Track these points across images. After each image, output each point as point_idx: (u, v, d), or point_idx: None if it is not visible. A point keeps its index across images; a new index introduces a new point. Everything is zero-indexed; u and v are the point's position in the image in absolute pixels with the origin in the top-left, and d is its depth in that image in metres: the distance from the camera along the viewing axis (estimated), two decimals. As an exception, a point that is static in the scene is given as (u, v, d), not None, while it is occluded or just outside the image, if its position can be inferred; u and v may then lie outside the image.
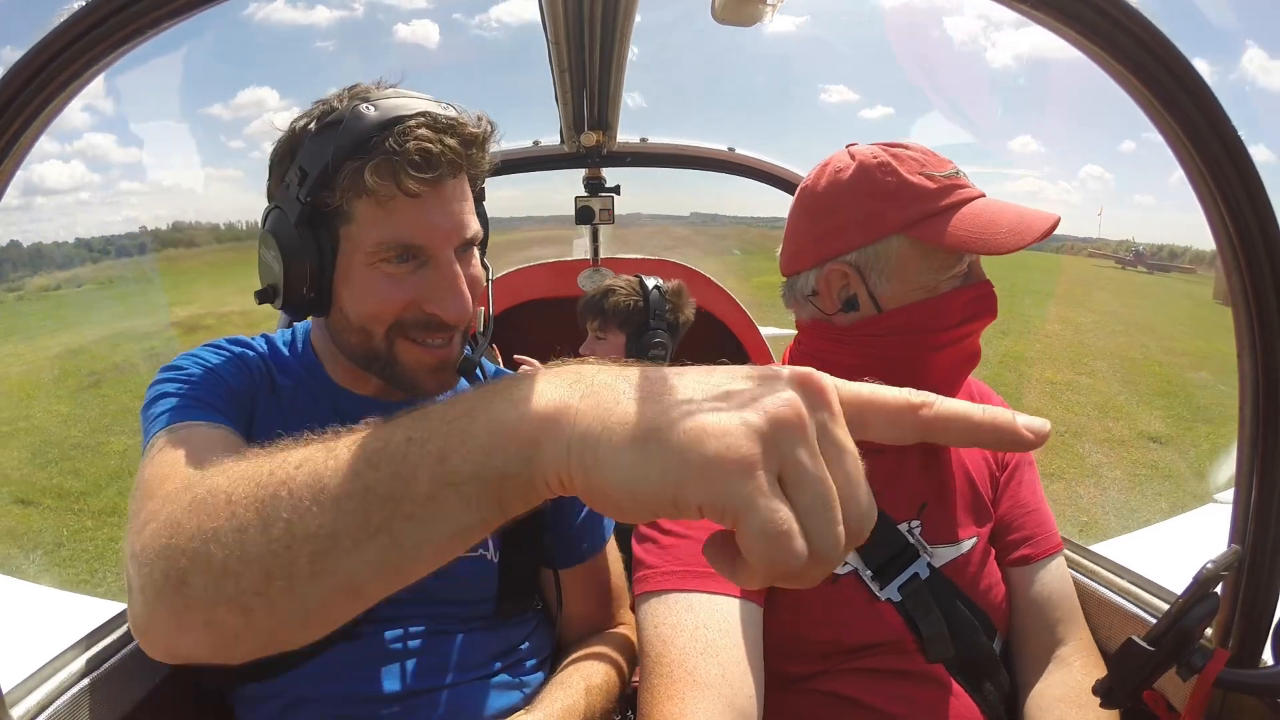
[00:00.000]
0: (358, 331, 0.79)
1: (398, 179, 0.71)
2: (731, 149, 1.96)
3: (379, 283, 0.76)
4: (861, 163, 0.85)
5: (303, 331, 0.92)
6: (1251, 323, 0.67)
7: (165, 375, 0.79)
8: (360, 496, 0.36)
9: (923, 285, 0.83)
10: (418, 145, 0.71)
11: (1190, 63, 0.60)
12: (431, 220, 0.75)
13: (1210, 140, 0.62)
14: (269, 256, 0.79)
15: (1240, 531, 0.72)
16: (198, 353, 0.83)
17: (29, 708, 0.75)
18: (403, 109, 0.73)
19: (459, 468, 0.34)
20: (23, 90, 0.53)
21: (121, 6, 0.53)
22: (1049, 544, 0.93)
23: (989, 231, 0.80)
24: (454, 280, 0.77)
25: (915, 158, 0.84)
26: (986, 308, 0.85)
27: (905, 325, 0.83)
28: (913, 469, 0.91)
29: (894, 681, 0.82)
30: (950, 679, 0.84)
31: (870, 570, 0.84)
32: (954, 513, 0.90)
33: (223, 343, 0.86)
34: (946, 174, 0.83)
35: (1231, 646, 0.73)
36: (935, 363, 0.85)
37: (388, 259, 0.75)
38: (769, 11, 0.98)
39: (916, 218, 0.82)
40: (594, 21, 1.23)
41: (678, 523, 0.81)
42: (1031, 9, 0.61)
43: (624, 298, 1.69)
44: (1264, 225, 0.64)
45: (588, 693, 0.86)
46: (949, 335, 0.83)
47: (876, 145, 0.87)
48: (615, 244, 2.38)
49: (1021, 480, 0.96)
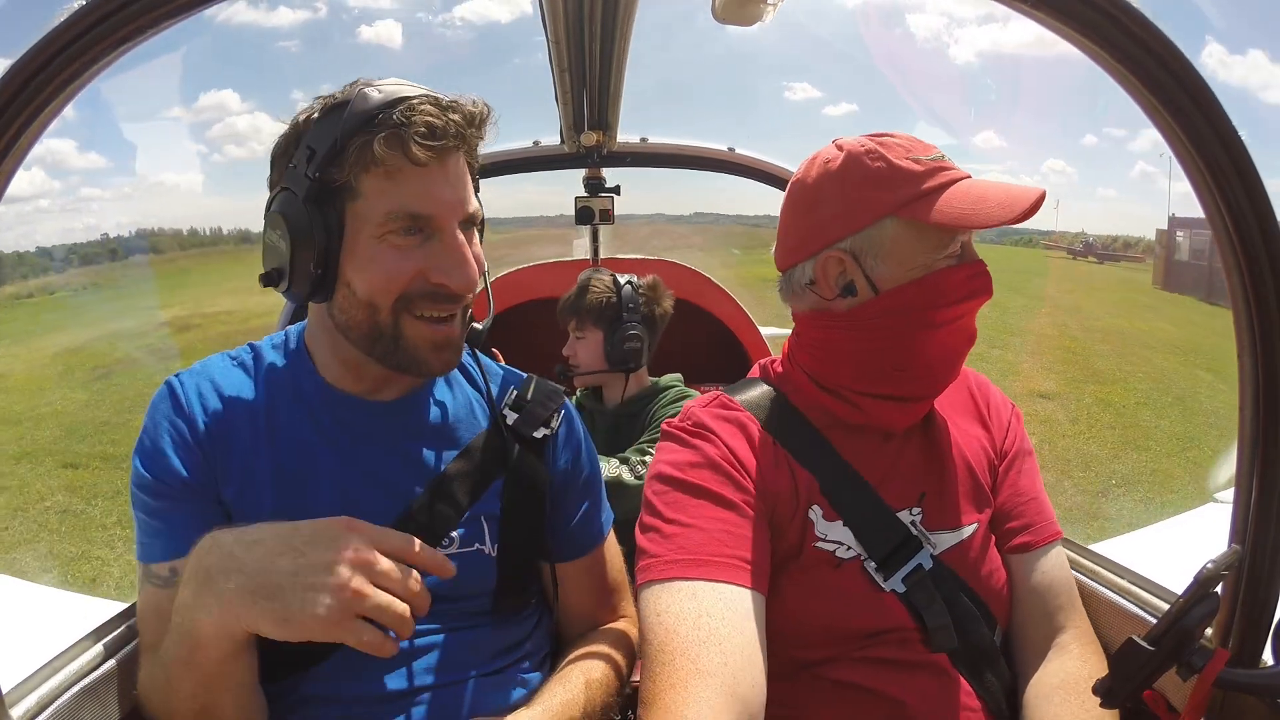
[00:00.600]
0: (365, 307, 0.79)
1: (406, 148, 0.74)
2: (731, 149, 1.97)
3: (387, 254, 0.77)
4: (850, 152, 0.87)
5: (295, 333, 0.92)
6: (1251, 323, 0.67)
7: (133, 481, 0.83)
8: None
9: (919, 264, 0.84)
10: (424, 118, 0.74)
11: (1190, 63, 0.60)
12: (438, 191, 0.77)
13: (1210, 140, 0.62)
14: (275, 237, 0.79)
15: (1240, 531, 0.72)
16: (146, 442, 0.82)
17: (29, 708, 0.75)
18: (406, 91, 0.76)
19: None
20: (23, 90, 0.53)
21: (121, 6, 0.53)
22: (1048, 532, 0.93)
23: (978, 206, 0.81)
24: (460, 250, 0.79)
25: (901, 144, 0.86)
26: (982, 285, 0.86)
27: (903, 305, 0.85)
28: (913, 457, 0.91)
29: (900, 672, 0.83)
30: (953, 670, 0.84)
31: (874, 562, 0.85)
32: (955, 500, 0.90)
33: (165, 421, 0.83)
34: (932, 157, 0.85)
35: (1231, 646, 0.73)
36: (934, 341, 0.86)
37: (395, 230, 0.77)
38: (769, 11, 0.99)
39: (907, 199, 0.83)
40: (594, 21, 1.23)
41: (681, 511, 0.82)
42: (1031, 9, 0.61)
43: (597, 295, 1.71)
44: (1264, 225, 0.64)
45: (587, 687, 0.87)
46: (947, 313, 0.84)
47: (864, 136, 0.89)
48: (616, 243, 2.38)
49: (1020, 469, 0.97)
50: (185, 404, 0.84)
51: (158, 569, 0.81)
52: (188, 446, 0.82)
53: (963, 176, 0.85)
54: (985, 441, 0.97)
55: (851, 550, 0.86)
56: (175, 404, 0.84)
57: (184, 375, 0.87)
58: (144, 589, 0.83)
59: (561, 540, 0.96)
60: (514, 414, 0.94)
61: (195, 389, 0.86)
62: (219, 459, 0.83)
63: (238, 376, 0.88)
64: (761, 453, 0.88)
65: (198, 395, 0.85)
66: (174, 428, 0.83)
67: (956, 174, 0.85)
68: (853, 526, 0.86)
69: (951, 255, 0.85)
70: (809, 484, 0.87)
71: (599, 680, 0.88)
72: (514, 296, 2.27)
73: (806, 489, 0.87)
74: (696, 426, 0.89)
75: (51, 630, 0.94)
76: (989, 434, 0.98)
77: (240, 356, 0.90)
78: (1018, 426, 1.00)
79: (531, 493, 0.92)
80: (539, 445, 0.94)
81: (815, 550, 0.85)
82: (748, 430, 0.89)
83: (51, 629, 0.98)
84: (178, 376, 0.87)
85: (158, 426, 0.83)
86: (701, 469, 0.85)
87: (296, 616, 0.65)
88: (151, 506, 0.82)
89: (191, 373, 0.88)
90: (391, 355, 0.82)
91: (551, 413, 0.96)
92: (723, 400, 0.94)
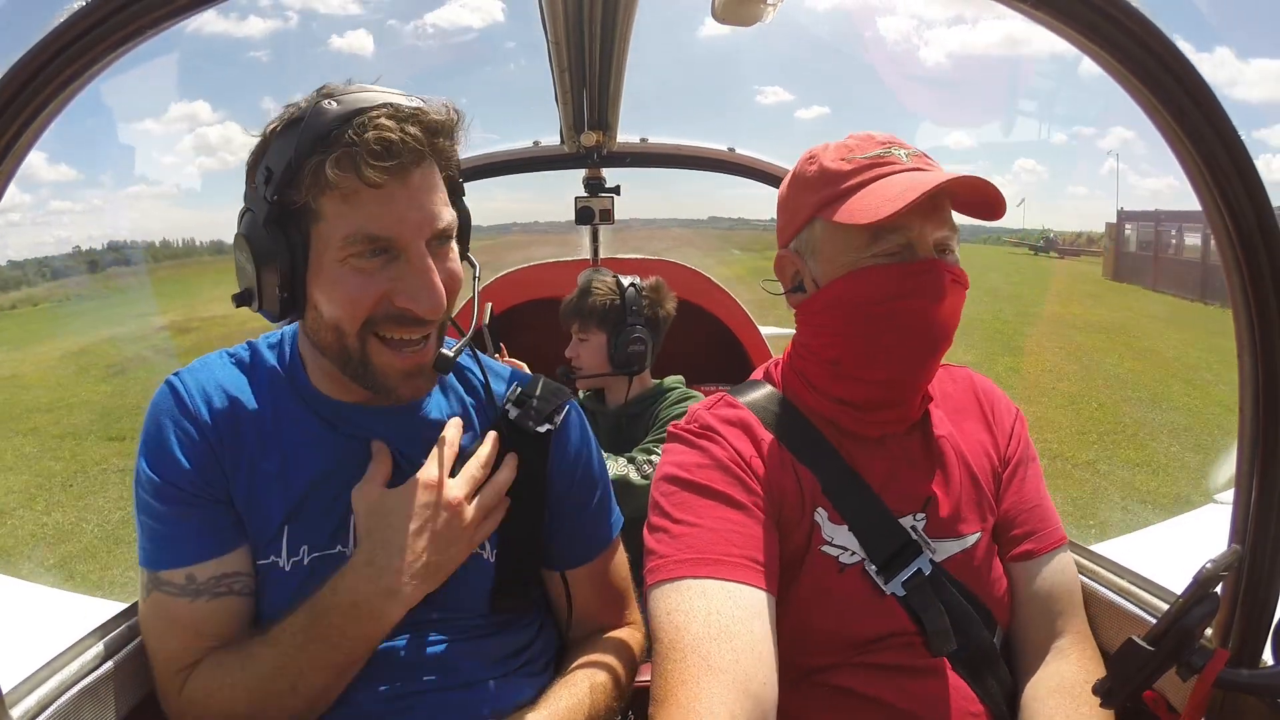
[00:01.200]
0: (331, 330, 0.78)
1: (358, 170, 0.70)
2: (731, 149, 1.96)
3: (349, 278, 0.75)
4: (802, 157, 0.92)
5: (290, 335, 0.91)
6: (1251, 323, 0.66)
7: (139, 486, 0.82)
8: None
9: (844, 263, 0.86)
10: (377, 135, 0.70)
11: (1191, 63, 0.60)
12: (398, 211, 0.74)
13: (1210, 140, 0.62)
14: (242, 259, 0.79)
15: (1240, 531, 0.72)
16: (151, 444, 0.81)
17: (29, 708, 0.75)
18: (365, 101, 0.72)
19: None
20: (23, 90, 0.53)
21: (121, 6, 0.53)
22: (1052, 539, 0.93)
23: (866, 202, 0.82)
24: (426, 273, 0.76)
25: (848, 145, 0.89)
26: (916, 286, 0.82)
27: (835, 299, 0.87)
28: (915, 461, 0.91)
29: (901, 677, 0.83)
30: (955, 674, 0.84)
31: (875, 565, 0.85)
32: (958, 507, 0.90)
33: (170, 422, 0.82)
34: (870, 155, 0.86)
35: (1231, 646, 0.73)
36: (877, 334, 0.85)
37: (357, 254, 0.74)
38: (769, 11, 0.99)
39: (826, 200, 0.86)
40: (594, 22, 1.23)
41: (690, 512, 0.82)
42: (1032, 9, 0.61)
43: (600, 297, 1.70)
44: (1264, 225, 0.64)
45: (592, 691, 0.87)
46: (878, 309, 0.84)
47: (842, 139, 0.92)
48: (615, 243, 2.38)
49: (1025, 477, 0.96)
50: (190, 403, 0.83)
51: (170, 576, 0.80)
52: (196, 447, 0.81)
53: (897, 171, 0.84)
54: (989, 446, 0.96)
55: (855, 555, 0.86)
56: (179, 403, 0.83)
57: (184, 374, 0.86)
58: (151, 596, 0.80)
59: (567, 543, 0.95)
60: (516, 409, 0.92)
61: (199, 388, 0.84)
62: (227, 458, 0.82)
63: (238, 376, 0.87)
64: (767, 454, 0.88)
65: (202, 394, 0.84)
66: (180, 428, 0.82)
67: (885, 171, 0.84)
68: (855, 529, 0.86)
69: (885, 253, 0.84)
70: (813, 486, 0.87)
71: (603, 684, 0.88)
72: (513, 297, 2.27)
73: (811, 490, 0.87)
74: (703, 429, 0.90)
75: (52, 630, 0.94)
76: (993, 439, 0.97)
77: (239, 354, 0.89)
78: (1021, 431, 0.99)
79: (532, 488, 0.91)
80: (541, 442, 0.92)
81: (821, 554, 0.85)
82: (753, 432, 0.90)
83: (51, 629, 0.98)
84: (178, 375, 0.86)
85: (163, 428, 0.82)
86: (709, 470, 0.85)
87: (455, 565, 0.83)
88: (161, 511, 0.80)
89: (192, 371, 0.86)
90: (362, 378, 0.81)
91: (555, 408, 0.94)
92: (728, 401, 0.94)
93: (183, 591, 0.79)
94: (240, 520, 0.82)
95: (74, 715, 0.79)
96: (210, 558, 0.80)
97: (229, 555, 0.81)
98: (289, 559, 0.82)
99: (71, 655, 0.82)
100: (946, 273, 0.84)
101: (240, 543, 0.82)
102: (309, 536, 0.83)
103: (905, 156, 0.86)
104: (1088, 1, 0.59)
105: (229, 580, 0.80)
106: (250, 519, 0.82)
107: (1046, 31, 0.63)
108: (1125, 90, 0.64)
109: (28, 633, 1.36)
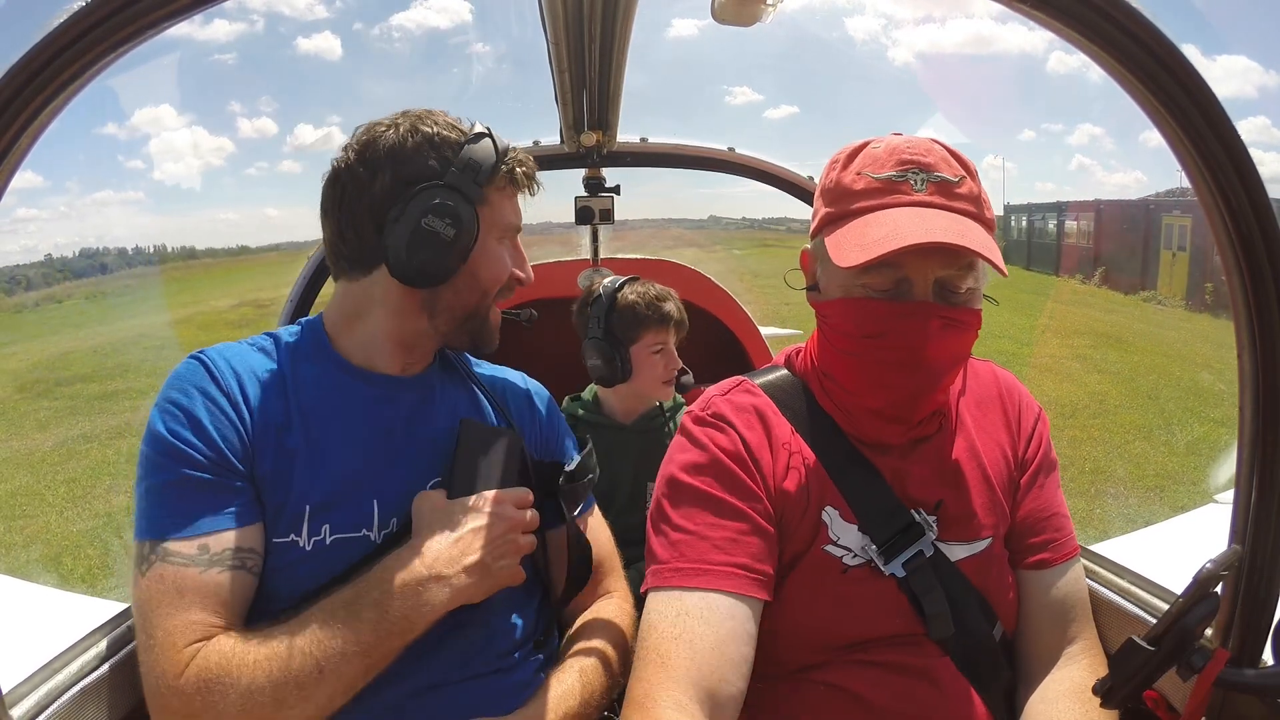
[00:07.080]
0: (480, 293, 0.96)
1: (520, 180, 0.98)
2: (731, 149, 1.96)
3: (504, 254, 0.98)
4: (833, 157, 0.90)
5: (310, 324, 0.96)
6: (1251, 323, 0.66)
7: (155, 449, 0.80)
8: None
9: (839, 284, 0.85)
10: (525, 165, 0.98)
11: (1190, 63, 0.60)
12: (520, 211, 1.01)
13: (1210, 140, 0.62)
14: (442, 225, 0.90)
15: (1240, 531, 0.72)
16: (176, 411, 0.82)
17: (29, 708, 0.75)
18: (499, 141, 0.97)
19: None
20: (23, 90, 0.53)
21: (121, 6, 0.53)
22: (1067, 548, 0.92)
23: (855, 236, 0.79)
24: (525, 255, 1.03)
25: (874, 155, 0.83)
26: (899, 328, 0.78)
27: (824, 316, 0.88)
28: (929, 459, 0.90)
29: (897, 676, 0.83)
30: (955, 675, 0.84)
31: (876, 545, 0.85)
32: (970, 511, 0.89)
33: (199, 393, 0.84)
34: (884, 176, 0.81)
35: (1231, 646, 0.73)
36: (863, 367, 0.84)
37: (507, 236, 0.98)
38: (769, 11, 0.99)
39: (832, 218, 0.85)
40: (594, 22, 1.23)
41: (687, 519, 0.83)
42: (1032, 9, 0.61)
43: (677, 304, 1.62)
44: (1264, 225, 0.64)
45: (581, 673, 0.90)
46: (864, 343, 0.82)
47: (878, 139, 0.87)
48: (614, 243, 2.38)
49: (1043, 484, 0.94)
50: (220, 378, 0.85)
51: (179, 546, 0.77)
52: (226, 418, 0.82)
53: (903, 204, 0.80)
54: (1007, 448, 0.94)
55: (858, 557, 0.85)
56: (211, 376, 0.84)
57: (210, 352, 0.89)
58: (153, 570, 0.76)
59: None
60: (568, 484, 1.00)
61: (227, 364, 0.86)
62: (256, 434, 0.83)
63: (265, 359, 0.90)
64: (778, 443, 0.88)
65: (231, 371, 0.86)
66: (209, 399, 0.83)
67: (891, 201, 0.80)
68: (858, 511, 0.86)
69: (876, 288, 0.81)
70: (823, 480, 0.87)
71: (592, 666, 0.92)
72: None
73: (820, 486, 0.87)
74: (714, 417, 0.90)
75: (51, 630, 0.94)
76: (1012, 439, 0.95)
77: (260, 342, 0.92)
78: (1043, 433, 0.96)
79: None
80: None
81: (824, 554, 0.85)
82: (766, 419, 0.90)
83: (51, 629, 0.98)
84: (204, 352, 0.89)
85: (191, 397, 0.82)
86: (710, 472, 0.85)
87: (501, 580, 0.87)
88: (179, 479, 0.79)
89: (219, 350, 0.89)
90: (478, 328, 0.98)
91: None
92: (745, 386, 0.94)
93: (193, 561, 0.77)
94: (258, 497, 0.82)
95: (74, 715, 0.79)
96: (227, 529, 0.79)
97: (246, 529, 0.80)
98: (310, 538, 0.83)
99: (71, 655, 0.82)
100: (937, 317, 0.79)
101: (256, 519, 0.82)
102: (332, 517, 0.84)
103: (921, 184, 0.80)
104: (1088, 2, 0.59)
105: (243, 555, 0.80)
106: (273, 496, 0.83)
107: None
108: (1126, 90, 0.64)
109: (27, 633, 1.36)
